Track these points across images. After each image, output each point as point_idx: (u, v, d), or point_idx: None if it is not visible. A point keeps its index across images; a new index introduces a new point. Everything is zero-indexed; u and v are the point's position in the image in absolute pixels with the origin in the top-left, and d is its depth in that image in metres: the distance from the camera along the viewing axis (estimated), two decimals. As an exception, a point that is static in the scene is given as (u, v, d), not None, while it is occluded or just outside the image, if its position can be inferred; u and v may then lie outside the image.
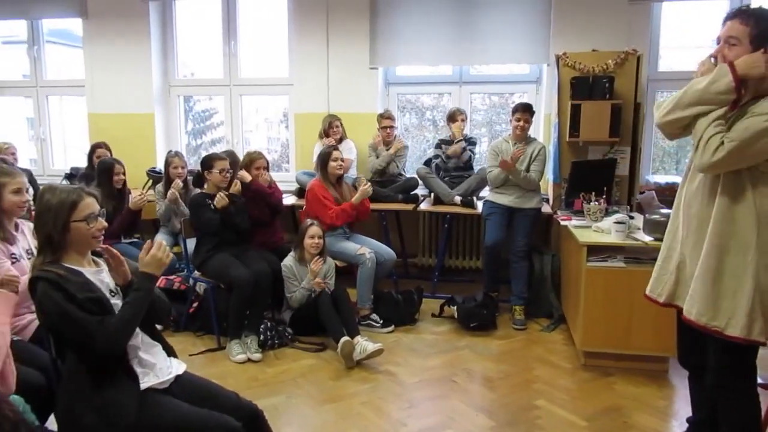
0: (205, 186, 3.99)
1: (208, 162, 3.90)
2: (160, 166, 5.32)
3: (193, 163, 5.66)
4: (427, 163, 5.03)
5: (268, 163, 4.23)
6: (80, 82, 6.01)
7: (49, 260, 1.89)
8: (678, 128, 2.12)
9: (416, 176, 4.99)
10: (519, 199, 4.27)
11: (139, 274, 1.95)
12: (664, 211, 3.25)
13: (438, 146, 4.94)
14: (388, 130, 5.00)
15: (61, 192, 1.94)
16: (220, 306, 3.80)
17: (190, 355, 3.56)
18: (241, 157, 4.45)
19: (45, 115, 6.35)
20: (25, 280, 1.94)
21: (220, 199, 3.79)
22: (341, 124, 5.11)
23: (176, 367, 2.07)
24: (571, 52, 4.49)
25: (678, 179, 2.33)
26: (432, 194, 4.90)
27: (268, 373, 3.41)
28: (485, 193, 4.67)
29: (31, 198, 3.01)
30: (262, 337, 3.70)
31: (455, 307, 4.14)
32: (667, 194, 4.39)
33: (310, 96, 5.48)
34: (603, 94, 4.33)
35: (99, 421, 1.79)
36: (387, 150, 5.00)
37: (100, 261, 2.04)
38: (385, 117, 5.03)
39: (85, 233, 1.92)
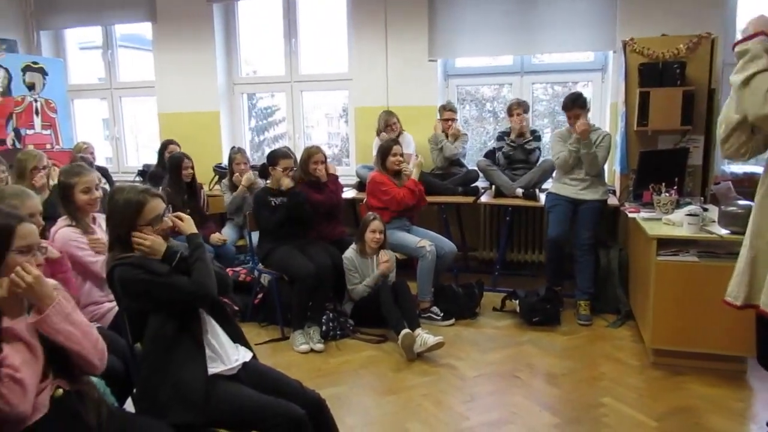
0: (268, 181, 4.09)
1: (274, 159, 3.99)
2: (225, 162, 5.50)
3: (256, 159, 5.81)
4: (488, 155, 4.96)
5: (326, 157, 4.28)
6: (151, 83, 6.29)
7: (120, 256, 1.99)
8: None
9: (477, 168, 4.94)
10: (583, 190, 4.15)
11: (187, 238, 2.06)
12: (742, 202, 3.07)
13: (499, 138, 4.86)
14: (449, 122, 4.96)
15: (128, 193, 2.03)
16: (284, 297, 3.89)
17: (256, 344, 3.65)
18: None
19: (119, 115, 6.68)
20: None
21: (287, 183, 3.88)
22: (398, 120, 5.11)
23: (243, 354, 2.14)
24: (639, 37, 4.30)
25: (758, 169, 2.20)
26: (493, 187, 4.83)
27: (330, 363, 3.47)
28: (548, 185, 4.56)
29: (102, 194, 3.18)
30: (324, 328, 3.76)
31: (517, 302, 4.08)
32: (746, 185, 4.13)
33: (369, 90, 5.51)
34: (674, 81, 4.13)
35: (172, 401, 1.88)
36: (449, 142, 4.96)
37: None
38: (447, 109, 4.99)
39: (159, 229, 2.02)
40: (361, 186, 5.05)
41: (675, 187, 3.67)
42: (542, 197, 4.50)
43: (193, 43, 5.97)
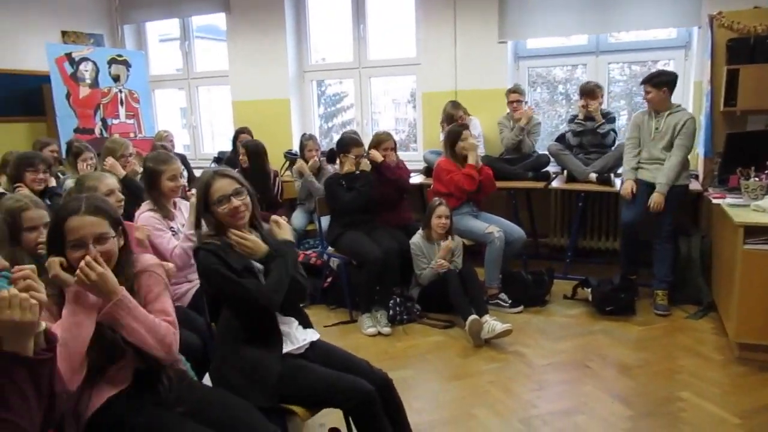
0: (337, 166, 4.14)
1: (346, 146, 4.04)
2: (296, 148, 5.61)
3: (325, 146, 5.90)
4: (559, 139, 4.81)
5: (395, 144, 4.29)
6: (225, 72, 6.50)
7: (210, 233, 2.09)
8: None
9: (547, 153, 4.80)
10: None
11: (278, 242, 2.09)
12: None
13: (571, 121, 4.69)
14: (515, 105, 4.84)
15: (202, 176, 2.14)
16: (352, 281, 3.96)
17: (324, 327, 3.75)
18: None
19: (195, 104, 6.96)
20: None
21: (364, 165, 3.94)
22: (465, 111, 4.99)
23: (311, 335, 2.19)
24: (728, 10, 4.02)
25: None
26: (564, 171, 4.68)
27: (397, 347, 3.51)
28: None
29: (185, 181, 3.35)
30: (391, 312, 3.80)
31: (590, 290, 3.95)
32: None
33: (437, 75, 5.46)
34: (767, 57, 3.84)
35: (245, 381, 1.96)
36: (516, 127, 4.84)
37: (255, 232, 2.16)
38: (512, 91, 4.87)
39: (222, 214, 2.07)
40: (428, 171, 5.02)
41: (766, 172, 3.43)
42: (617, 182, 4.32)
43: (265, 32, 6.11)
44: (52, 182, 3.79)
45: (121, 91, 6.25)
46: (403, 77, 6.19)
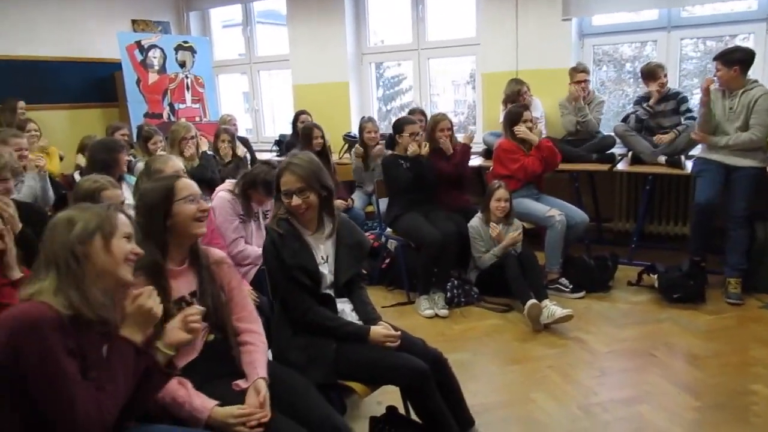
0: (396, 148, 4.14)
1: (399, 126, 4.05)
2: (354, 131, 5.65)
3: (384, 129, 5.91)
4: (626, 119, 4.62)
5: (452, 125, 4.24)
6: (285, 56, 6.60)
7: (284, 212, 2.14)
8: None
9: (613, 134, 4.62)
10: (737, 156, 3.72)
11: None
12: None
13: (638, 102, 4.50)
14: (582, 84, 4.67)
15: (281, 164, 2.18)
16: (410, 263, 3.97)
17: (382, 307, 3.79)
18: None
19: (257, 88, 7.11)
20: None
21: (414, 149, 3.90)
22: (528, 88, 4.89)
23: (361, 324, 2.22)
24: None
25: None
26: (629, 153, 4.50)
27: (454, 329, 3.51)
28: (696, 151, 4.16)
29: (248, 163, 3.41)
30: (449, 294, 3.79)
31: (656, 276, 3.81)
32: None
33: (497, 55, 5.34)
34: None
35: (303, 358, 2.02)
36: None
37: (328, 225, 2.20)
38: (578, 71, 4.70)
39: (289, 207, 2.12)
40: (488, 153, 4.96)
41: None
42: (689, 165, 4.12)
43: (324, 15, 6.15)
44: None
45: (187, 77, 6.47)
46: (463, 58, 6.09)
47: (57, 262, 1.42)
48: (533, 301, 3.41)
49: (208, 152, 4.68)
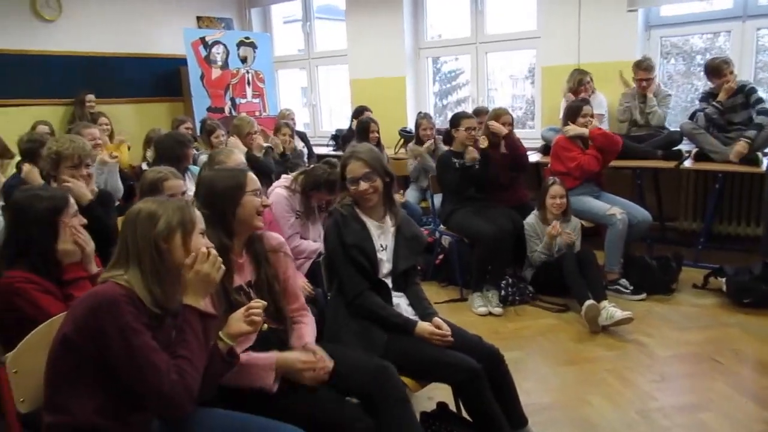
0: (453, 144, 4.11)
1: (455, 120, 4.01)
2: (410, 126, 5.65)
3: (439, 124, 5.87)
4: (693, 116, 4.40)
5: (512, 119, 4.16)
6: (343, 51, 6.66)
7: (348, 203, 2.20)
8: None
9: (680, 130, 4.42)
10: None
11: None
12: None
13: (704, 99, 4.27)
14: (644, 83, 4.48)
15: (344, 156, 2.24)
16: (464, 259, 3.94)
17: (435, 303, 3.75)
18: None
19: (315, 83, 7.21)
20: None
21: (471, 153, 3.85)
22: (592, 79, 4.74)
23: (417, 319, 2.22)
24: None
25: None
26: (693, 150, 4.29)
27: (508, 327, 3.46)
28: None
29: (306, 158, 3.48)
30: (503, 292, 3.74)
31: (724, 279, 3.62)
32: None
33: (558, 48, 5.20)
34: None
35: (355, 342, 2.04)
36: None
37: (390, 219, 2.25)
38: (641, 68, 4.48)
39: (353, 193, 2.17)
40: (546, 149, 4.84)
41: None
42: (765, 162, 3.89)
43: (382, 9, 6.16)
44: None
45: (248, 72, 6.63)
46: (522, 51, 5.97)
47: (140, 257, 1.47)
48: (591, 301, 3.31)
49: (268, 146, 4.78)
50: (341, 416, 1.72)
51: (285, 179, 3.15)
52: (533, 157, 4.84)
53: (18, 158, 3.79)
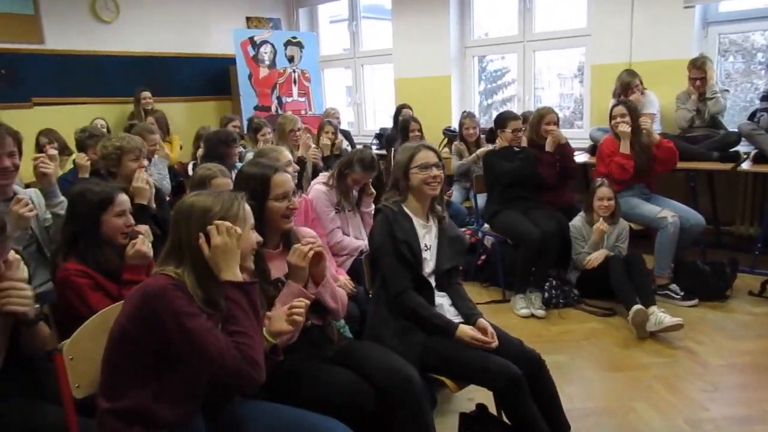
0: (497, 144, 4.06)
1: (502, 121, 3.96)
2: (455, 125, 5.61)
3: (484, 123, 5.81)
4: (753, 116, 4.20)
5: (558, 119, 4.08)
6: (388, 51, 6.67)
7: (396, 200, 2.22)
8: None
9: (738, 131, 4.23)
10: None
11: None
12: None
13: (765, 98, 4.08)
14: (698, 83, 4.30)
15: (407, 148, 2.27)
16: (507, 260, 3.89)
17: (477, 304, 3.73)
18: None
19: (360, 82, 7.25)
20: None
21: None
22: (641, 81, 4.59)
23: (460, 319, 2.21)
24: None
25: None
26: (754, 152, 4.10)
27: (551, 331, 3.40)
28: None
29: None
30: (546, 294, 3.68)
31: (783, 287, 3.46)
32: None
33: (609, 45, 5.07)
34: None
35: (397, 343, 2.04)
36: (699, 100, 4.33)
37: (433, 221, 2.27)
38: (696, 66, 4.31)
39: (420, 179, 2.18)
40: (594, 150, 4.72)
41: None
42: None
43: (429, 8, 6.14)
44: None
45: (294, 71, 6.72)
46: (571, 50, 5.85)
47: (193, 254, 1.49)
48: (639, 306, 3.21)
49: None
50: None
51: (323, 176, 3.21)
52: (581, 157, 4.73)
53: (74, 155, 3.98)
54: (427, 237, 2.23)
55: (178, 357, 1.43)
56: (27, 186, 2.75)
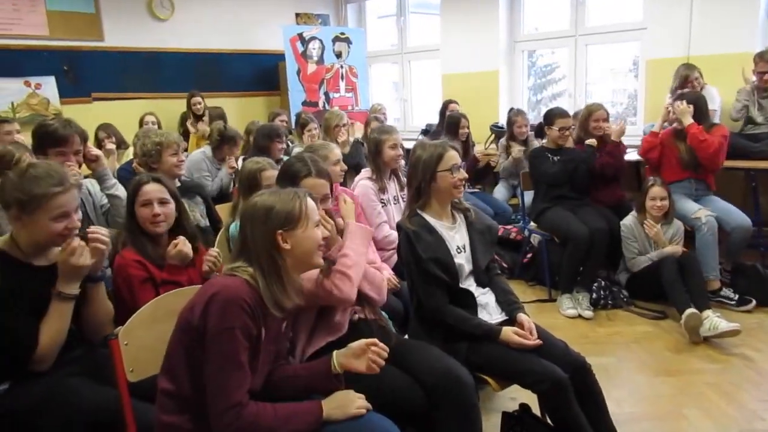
0: (545, 140, 3.99)
1: (550, 118, 3.88)
2: (502, 121, 5.53)
3: (533, 119, 5.70)
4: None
5: (608, 115, 3.98)
6: (435, 46, 6.63)
7: (417, 206, 2.17)
8: None
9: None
10: None
11: None
12: None
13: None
14: (766, 77, 4.10)
15: (430, 146, 2.20)
16: (553, 259, 3.82)
17: (522, 303, 3.69)
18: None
19: (407, 78, 7.23)
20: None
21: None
22: (701, 75, 4.41)
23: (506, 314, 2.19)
24: None
25: None
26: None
27: (598, 332, 3.32)
28: None
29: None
30: (594, 295, 3.60)
31: None
32: None
33: (666, 39, 4.88)
34: None
35: (441, 346, 2.02)
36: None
37: (459, 217, 2.24)
38: (764, 59, 4.12)
39: (449, 182, 2.13)
40: (647, 147, 4.57)
41: None
42: None
43: (479, 3, 6.07)
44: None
45: (342, 67, 6.78)
46: (625, 44, 5.66)
47: (259, 256, 1.50)
48: (692, 310, 3.10)
49: (360, 140, 4.87)
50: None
51: (366, 171, 3.24)
52: (634, 155, 4.59)
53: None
54: (458, 237, 2.18)
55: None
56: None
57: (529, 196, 4.15)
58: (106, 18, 5.86)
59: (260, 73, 7.03)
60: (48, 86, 5.51)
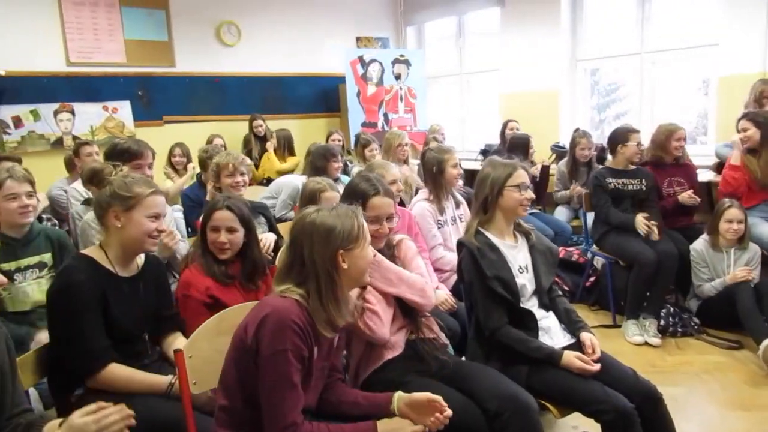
0: (614, 160, 3.83)
1: (624, 135, 3.69)
2: (563, 141, 5.42)
3: (596, 138, 5.55)
4: None
5: (685, 136, 3.82)
6: (495, 65, 6.60)
7: (480, 223, 2.17)
8: None
9: None
10: None
11: None
12: None
13: None
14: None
15: (500, 164, 2.21)
16: (618, 283, 3.68)
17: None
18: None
19: (465, 98, 7.22)
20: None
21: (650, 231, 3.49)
22: None
23: (570, 338, 2.13)
24: None
25: None
26: None
27: (667, 361, 3.16)
28: None
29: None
30: (662, 322, 3.44)
31: None
32: None
33: (740, 55, 4.66)
34: None
35: (500, 369, 1.98)
36: None
37: (521, 237, 2.22)
38: None
39: (516, 199, 2.13)
40: (719, 168, 4.36)
41: None
42: None
43: (539, 22, 6.01)
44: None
45: (401, 88, 6.85)
46: (693, 60, 5.45)
47: (318, 276, 1.51)
48: (771, 340, 2.91)
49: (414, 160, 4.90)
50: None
51: (423, 192, 3.23)
52: (705, 175, 4.39)
53: (196, 169, 4.41)
54: (520, 257, 2.16)
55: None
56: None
57: (591, 216, 4.03)
58: (177, 45, 6.18)
59: (321, 95, 7.20)
60: (124, 110, 5.85)
